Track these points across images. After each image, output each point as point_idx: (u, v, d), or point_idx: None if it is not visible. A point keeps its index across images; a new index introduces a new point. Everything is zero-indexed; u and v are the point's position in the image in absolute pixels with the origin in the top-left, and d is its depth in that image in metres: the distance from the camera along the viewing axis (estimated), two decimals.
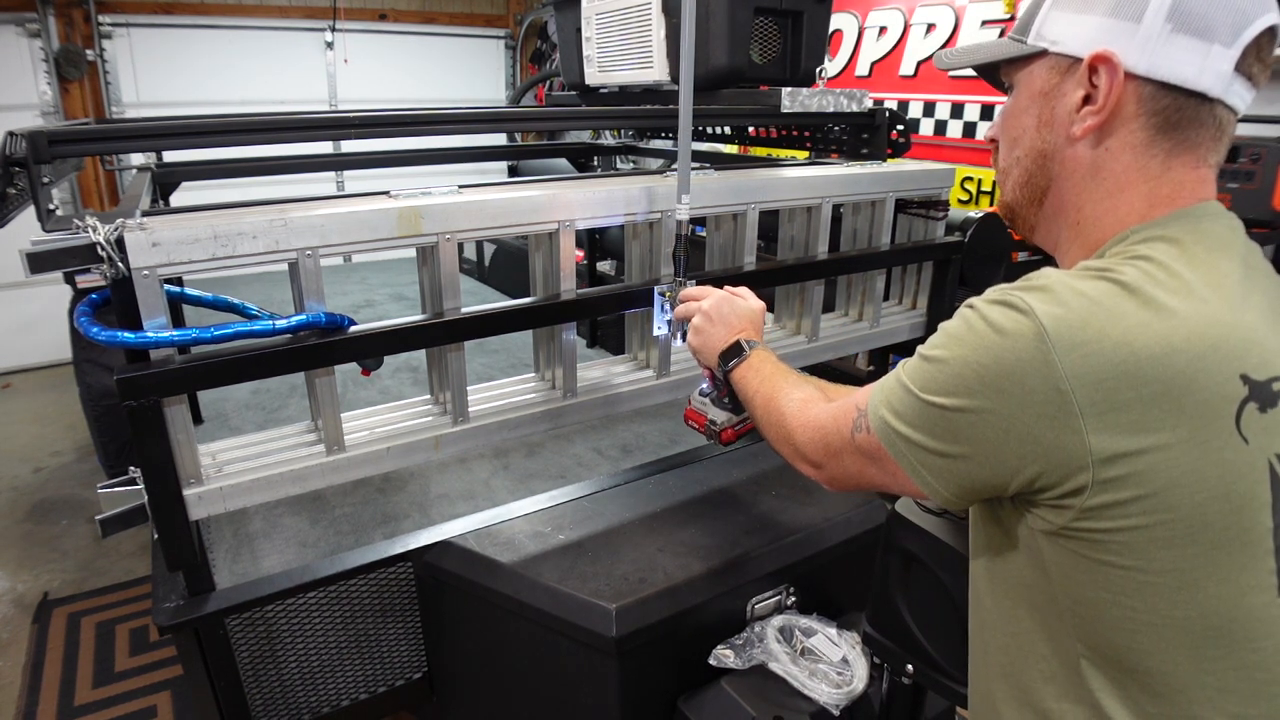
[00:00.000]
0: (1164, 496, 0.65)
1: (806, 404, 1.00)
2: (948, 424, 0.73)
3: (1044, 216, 0.86)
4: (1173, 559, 0.67)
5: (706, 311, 1.28)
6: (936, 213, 1.96)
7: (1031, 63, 0.82)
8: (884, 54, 3.99)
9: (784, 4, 1.91)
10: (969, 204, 3.62)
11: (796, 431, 0.98)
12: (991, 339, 0.70)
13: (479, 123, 1.73)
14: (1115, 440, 0.65)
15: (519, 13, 6.67)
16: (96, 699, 2.48)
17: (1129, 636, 0.70)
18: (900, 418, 0.77)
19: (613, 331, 2.84)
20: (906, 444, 0.77)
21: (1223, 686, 0.69)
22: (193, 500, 1.23)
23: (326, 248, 1.23)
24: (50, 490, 3.80)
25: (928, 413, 0.74)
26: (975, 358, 0.70)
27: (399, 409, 1.49)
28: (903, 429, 0.77)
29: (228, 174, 2.41)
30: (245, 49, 5.60)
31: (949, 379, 0.72)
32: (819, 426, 0.94)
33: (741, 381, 1.17)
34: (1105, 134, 0.78)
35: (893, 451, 0.79)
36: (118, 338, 1.10)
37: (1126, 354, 0.65)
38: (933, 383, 0.74)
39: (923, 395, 0.75)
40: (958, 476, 0.75)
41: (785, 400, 1.04)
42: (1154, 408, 0.64)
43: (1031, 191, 0.85)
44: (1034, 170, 0.84)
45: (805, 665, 1.35)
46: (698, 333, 1.29)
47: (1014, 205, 0.88)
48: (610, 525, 1.54)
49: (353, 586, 1.47)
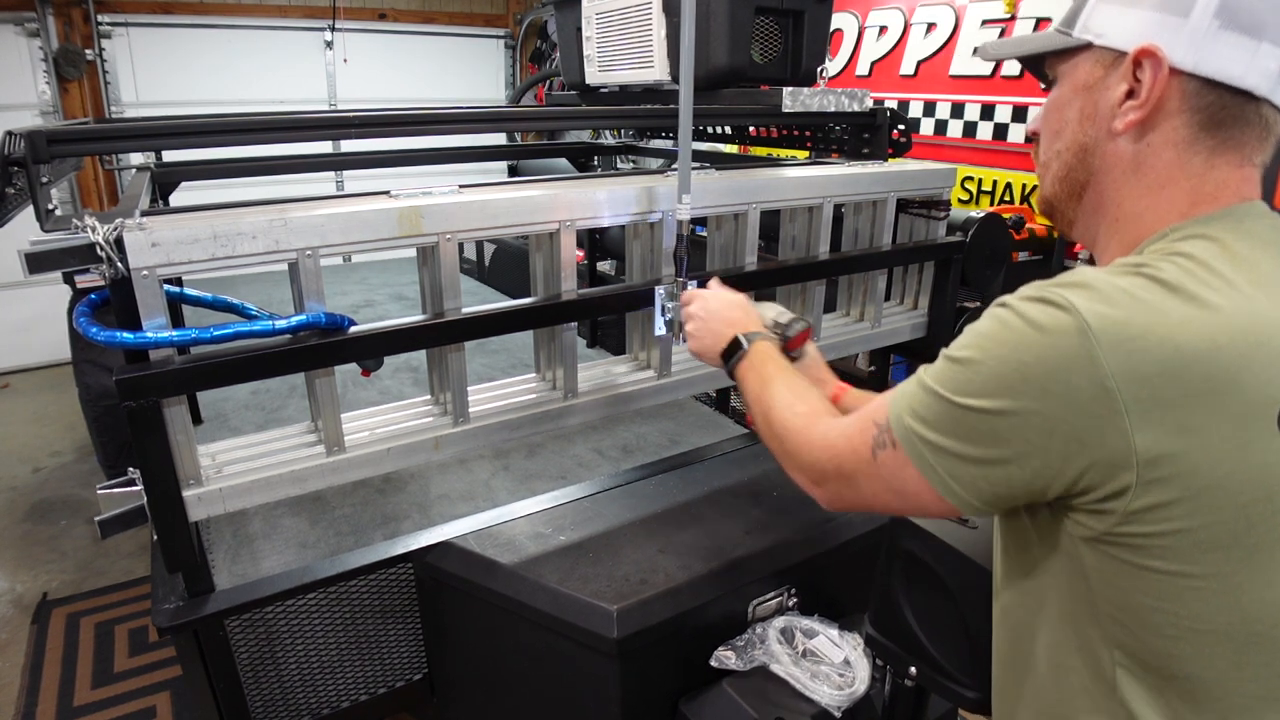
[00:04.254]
0: (1207, 497, 0.64)
1: (813, 419, 0.95)
2: (987, 427, 0.69)
3: (1083, 211, 0.84)
4: (1216, 562, 0.65)
5: (695, 313, 1.27)
6: (938, 213, 1.95)
7: (1076, 55, 0.81)
8: (884, 54, 3.99)
9: (785, 4, 1.91)
10: (970, 204, 3.62)
11: (803, 449, 0.94)
12: (1032, 337, 0.67)
13: (479, 123, 1.73)
14: (1160, 440, 0.63)
15: (519, 12, 6.66)
16: (96, 699, 2.48)
17: (1171, 643, 0.69)
18: (928, 425, 0.74)
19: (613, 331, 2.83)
20: (936, 452, 0.73)
21: (1264, 695, 0.68)
22: (192, 501, 1.23)
23: (326, 248, 1.22)
24: (49, 490, 3.79)
25: (962, 417, 0.71)
26: (1016, 356, 0.68)
27: (399, 409, 1.49)
28: (932, 436, 0.73)
29: (227, 174, 2.41)
30: (245, 49, 5.59)
31: (987, 380, 0.69)
32: (828, 446, 0.89)
33: (743, 382, 1.15)
34: (1147, 129, 0.76)
35: (918, 462, 0.75)
36: (117, 338, 1.10)
37: (1171, 350, 0.63)
38: (968, 385, 0.71)
39: (956, 399, 0.71)
40: (993, 483, 0.71)
41: (788, 412, 0.99)
42: (1199, 406, 0.63)
43: (1071, 186, 0.83)
44: (1074, 164, 0.82)
45: (807, 667, 1.35)
46: (695, 337, 1.27)
47: (1053, 199, 0.86)
48: (611, 526, 1.53)
49: (353, 588, 1.46)
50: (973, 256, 1.96)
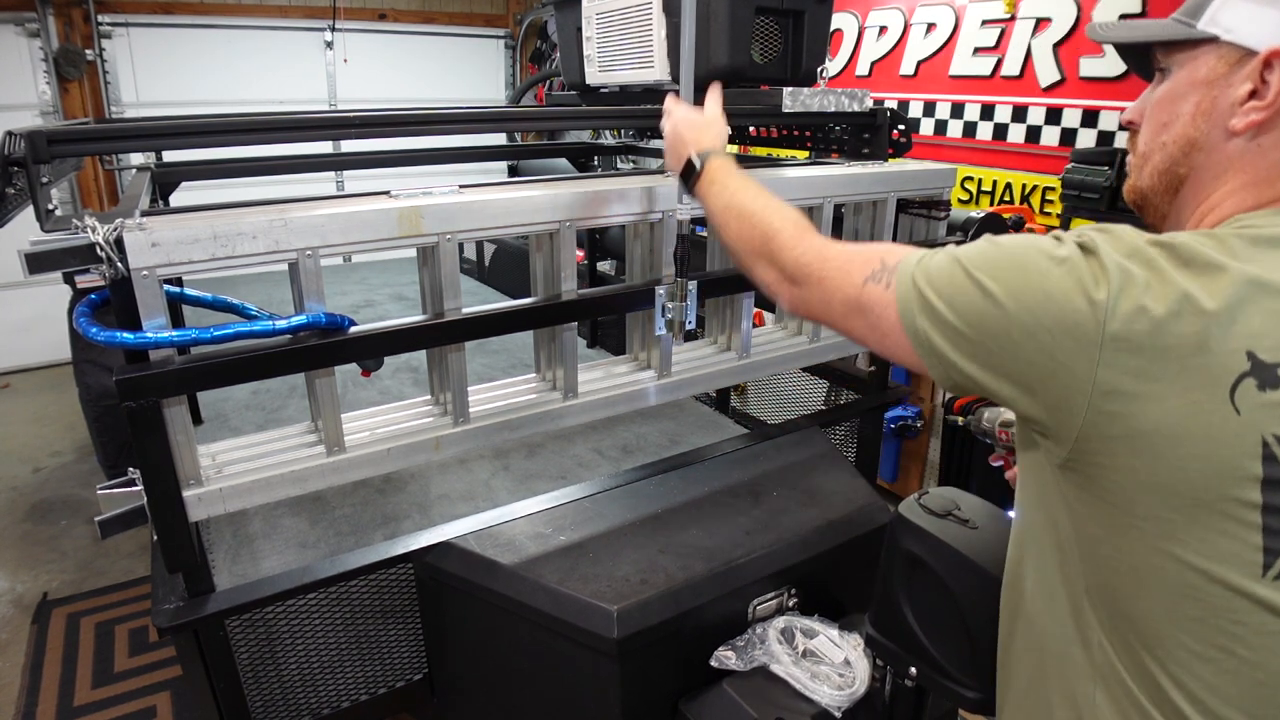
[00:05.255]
0: (1149, 441, 0.68)
1: (807, 230, 1.00)
2: (982, 305, 0.74)
3: (1176, 207, 0.84)
4: (1154, 505, 0.69)
5: (666, 131, 1.29)
6: (938, 213, 1.95)
7: (1197, 48, 0.79)
8: (884, 54, 3.98)
9: (785, 4, 1.91)
10: (970, 204, 3.62)
11: (788, 248, 0.97)
12: (1061, 257, 0.72)
13: (479, 123, 1.73)
14: (1120, 378, 0.68)
15: (519, 12, 6.66)
16: (96, 699, 2.48)
17: (1116, 576, 0.73)
18: (934, 287, 0.78)
19: (613, 331, 2.83)
20: (925, 309, 0.78)
21: (1200, 654, 0.70)
22: (192, 501, 1.23)
23: (326, 248, 1.22)
24: (49, 490, 3.79)
25: (967, 288, 0.75)
26: (1041, 263, 0.72)
27: (399, 410, 1.49)
28: (930, 295, 0.78)
29: (227, 174, 2.41)
30: (245, 49, 5.59)
31: (1008, 268, 0.74)
32: (822, 256, 0.93)
33: (704, 198, 1.16)
34: (1264, 130, 0.76)
35: (903, 312, 0.80)
36: (117, 338, 1.10)
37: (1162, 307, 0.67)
38: (989, 264, 0.75)
39: (971, 269, 0.76)
40: (958, 361, 0.76)
41: (776, 216, 1.03)
42: (1164, 358, 0.67)
43: (1169, 180, 0.83)
44: (1178, 158, 0.81)
45: (807, 667, 1.35)
46: (665, 155, 1.30)
47: (1148, 192, 0.86)
48: (611, 526, 1.53)
49: (353, 588, 1.46)
50: None
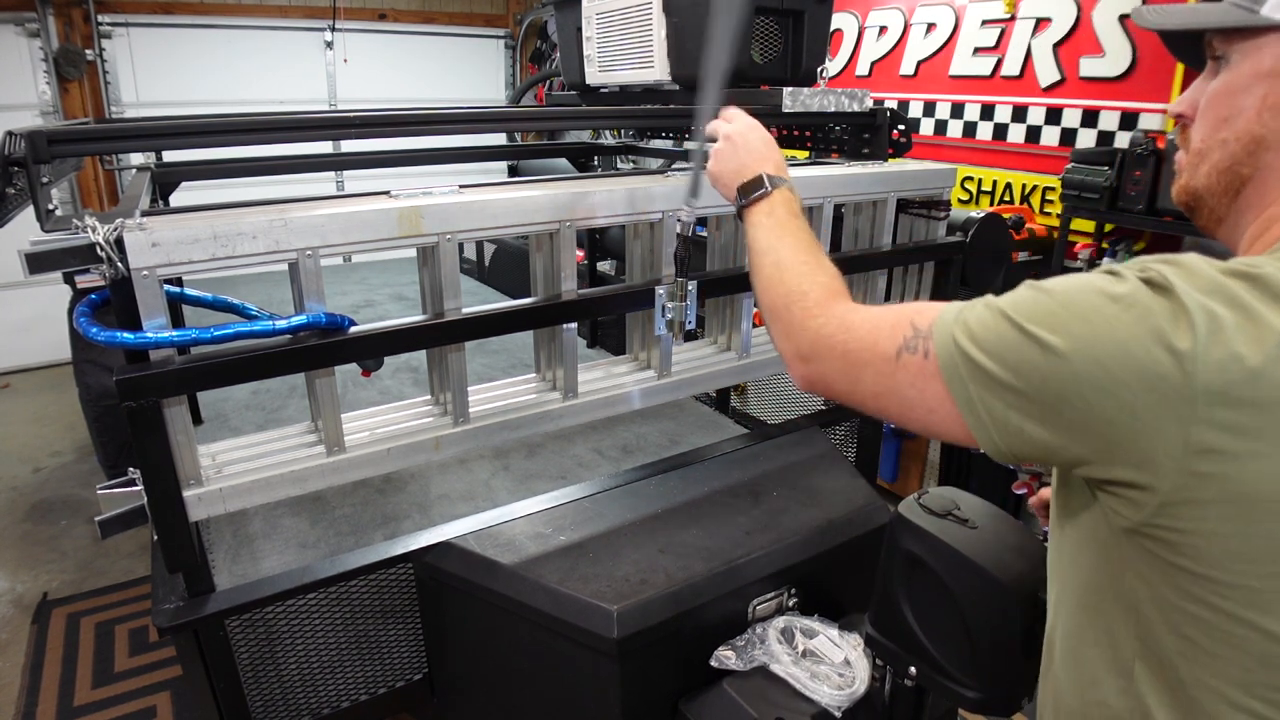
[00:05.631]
0: (1245, 506, 0.61)
1: (834, 295, 0.89)
2: (1043, 364, 0.65)
3: (1236, 210, 0.75)
4: (1244, 574, 0.63)
5: (730, 135, 1.17)
6: (938, 213, 1.95)
7: (1261, 36, 0.71)
8: (884, 54, 3.99)
9: (785, 4, 1.91)
10: (970, 204, 3.62)
11: (810, 321, 0.87)
12: (1130, 299, 0.63)
13: (479, 123, 1.73)
14: (1215, 435, 0.60)
15: (519, 13, 6.66)
16: (96, 699, 2.48)
17: (1183, 643, 0.67)
18: (979, 344, 0.69)
19: (613, 331, 2.83)
20: (976, 374, 0.69)
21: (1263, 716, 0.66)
22: (192, 501, 1.23)
23: (326, 248, 1.22)
24: (50, 490, 3.79)
25: (1022, 345, 0.66)
26: (1106, 308, 0.64)
27: (399, 410, 1.49)
28: (978, 356, 0.69)
29: (228, 174, 2.41)
30: (245, 49, 5.60)
31: (1068, 317, 0.65)
32: (846, 327, 0.83)
33: (754, 226, 1.05)
34: None
35: (950, 380, 0.70)
36: (117, 338, 1.10)
37: (1258, 354, 0.59)
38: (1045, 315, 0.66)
39: (1024, 323, 0.67)
40: (1024, 428, 0.67)
41: (806, 280, 0.92)
42: (1263, 413, 0.60)
43: (1231, 180, 0.74)
44: (1241, 157, 0.73)
45: (807, 667, 1.35)
46: (718, 157, 1.17)
47: (1203, 192, 0.77)
48: (611, 526, 1.53)
49: (353, 588, 1.46)
50: (973, 256, 1.96)
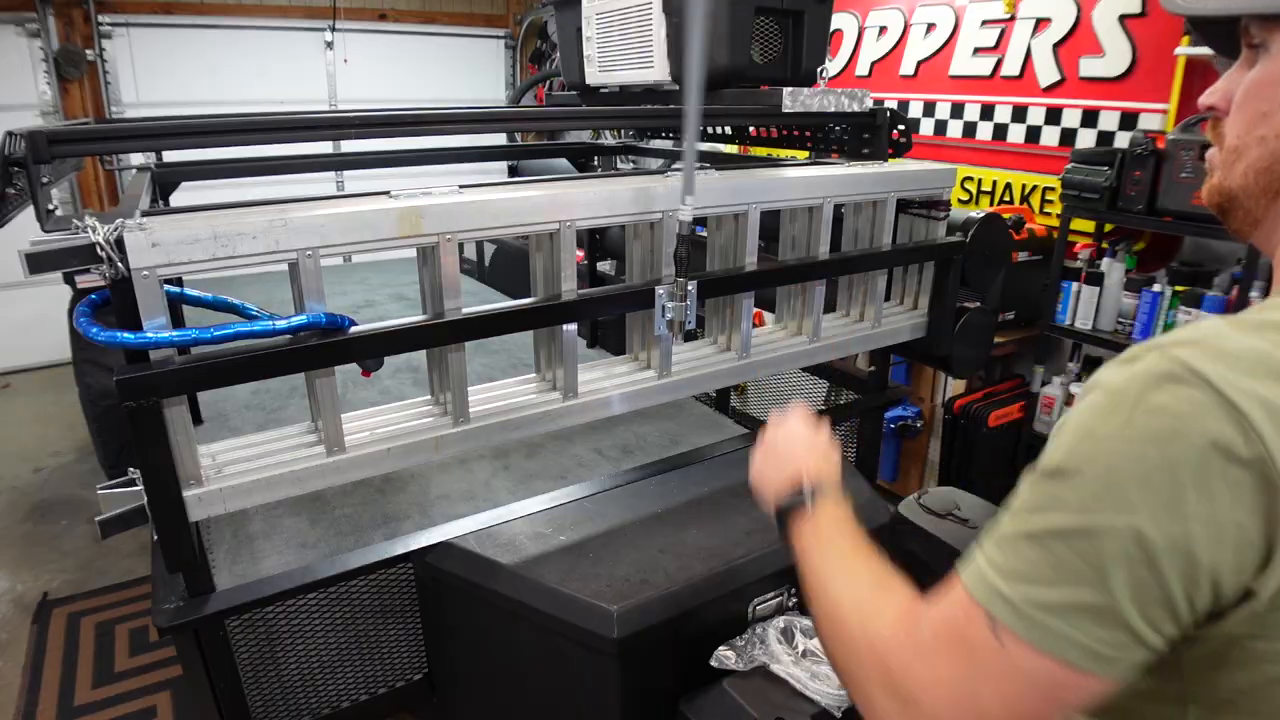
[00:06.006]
0: None
1: (879, 602, 0.72)
2: (1110, 550, 0.53)
3: (1275, 212, 0.68)
4: None
5: (767, 442, 1.06)
6: (938, 213, 1.95)
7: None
8: (884, 54, 3.99)
9: (785, 4, 1.91)
10: (970, 204, 3.62)
11: (892, 667, 0.65)
12: (1155, 424, 0.53)
13: (479, 123, 1.73)
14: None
15: (519, 13, 6.66)
16: (96, 699, 2.48)
17: None
18: (1002, 572, 0.58)
19: (613, 332, 2.83)
20: (1049, 614, 0.55)
21: None
22: (192, 501, 1.23)
23: (326, 248, 1.22)
24: (50, 490, 3.80)
25: (1064, 553, 0.55)
26: (1137, 451, 0.53)
27: (399, 410, 1.49)
28: (1042, 595, 0.56)
29: (228, 174, 2.41)
30: (245, 49, 5.60)
31: (1099, 488, 0.54)
32: (876, 652, 0.67)
33: (799, 547, 0.88)
34: None
35: (1046, 645, 0.56)
36: (117, 338, 1.10)
37: None
38: (1076, 501, 0.55)
39: (1057, 525, 0.56)
40: (1132, 626, 0.54)
41: (848, 590, 0.76)
42: None
43: (1270, 180, 0.67)
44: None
45: (807, 667, 1.35)
46: (753, 467, 1.06)
47: (1240, 193, 0.69)
48: (611, 526, 1.53)
49: (353, 588, 1.46)
50: (973, 256, 1.96)
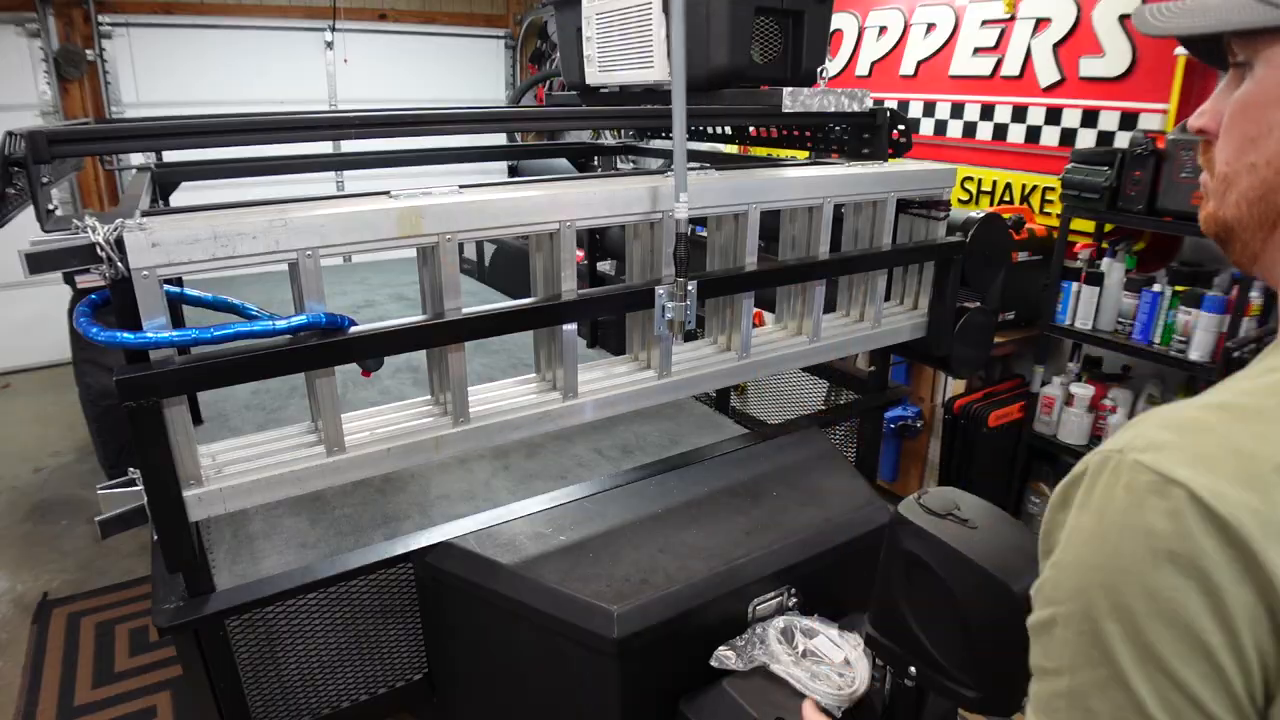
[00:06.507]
0: None
1: None
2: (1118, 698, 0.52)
3: (1274, 244, 0.63)
4: None
5: None
6: (938, 213, 1.95)
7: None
8: (884, 54, 3.98)
9: (785, 4, 1.91)
10: (970, 204, 3.62)
11: None
12: (1140, 546, 0.51)
13: (479, 123, 1.73)
14: None
15: (519, 13, 6.67)
16: (96, 699, 2.48)
17: None
18: None
19: (613, 331, 2.84)
20: None
21: None
22: (192, 501, 1.23)
23: (326, 248, 1.22)
24: (50, 490, 3.79)
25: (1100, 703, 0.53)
26: (1133, 584, 0.51)
27: (399, 410, 1.49)
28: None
29: (228, 174, 2.41)
30: (245, 49, 5.60)
31: (1079, 636, 0.53)
32: None
33: None
34: None
35: None
36: (117, 338, 1.10)
37: None
38: (1069, 652, 0.54)
39: (1069, 672, 0.54)
40: None
41: None
42: None
43: (1265, 211, 0.62)
44: (1276, 183, 0.61)
45: (807, 667, 1.35)
46: None
47: (1234, 224, 0.65)
48: (611, 526, 1.53)
49: (353, 587, 1.46)
50: (973, 256, 1.96)
